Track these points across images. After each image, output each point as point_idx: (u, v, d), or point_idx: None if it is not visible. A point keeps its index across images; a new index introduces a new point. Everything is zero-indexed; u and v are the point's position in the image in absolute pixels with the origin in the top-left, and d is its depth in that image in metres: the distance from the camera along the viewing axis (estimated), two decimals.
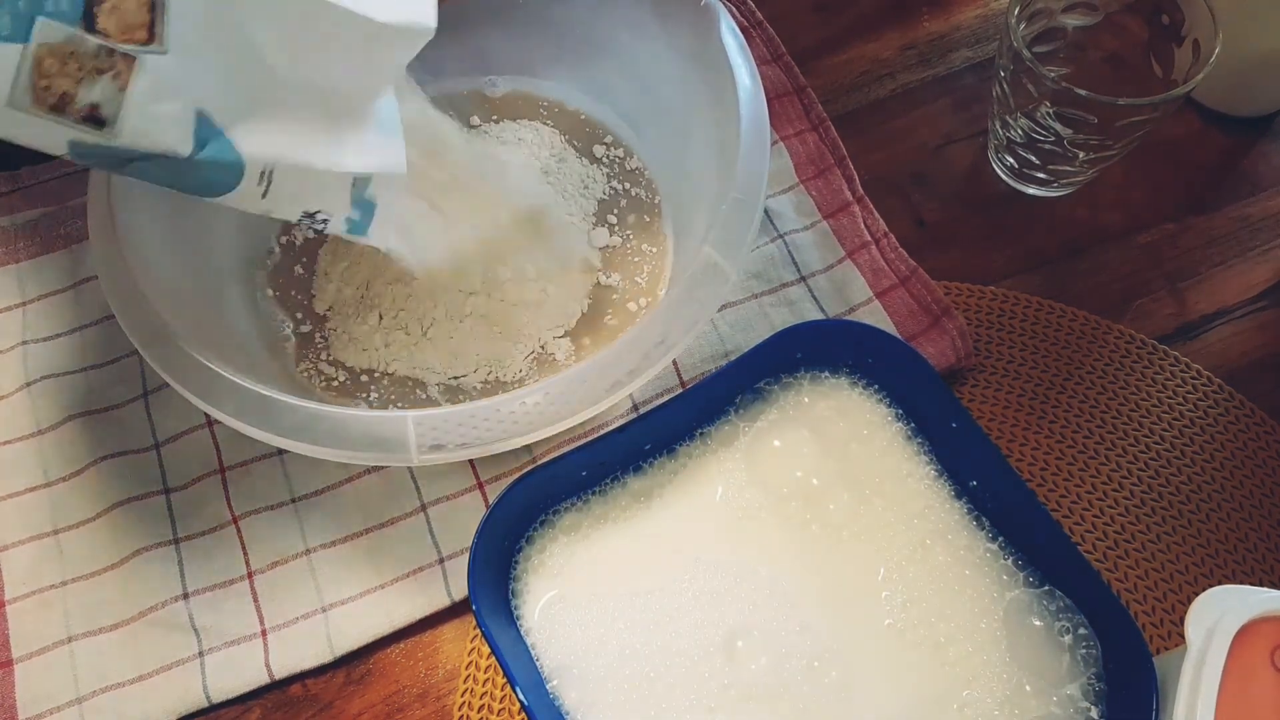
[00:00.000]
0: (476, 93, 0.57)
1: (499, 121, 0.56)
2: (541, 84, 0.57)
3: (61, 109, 0.32)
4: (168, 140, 0.33)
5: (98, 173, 0.43)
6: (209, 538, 0.47)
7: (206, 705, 0.44)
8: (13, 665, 0.44)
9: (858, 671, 0.39)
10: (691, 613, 0.41)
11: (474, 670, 0.44)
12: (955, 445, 0.42)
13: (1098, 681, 0.38)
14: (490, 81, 0.57)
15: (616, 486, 0.43)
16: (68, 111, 0.32)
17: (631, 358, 0.39)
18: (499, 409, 0.38)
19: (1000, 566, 0.41)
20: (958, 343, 0.49)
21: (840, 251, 0.53)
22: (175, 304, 0.42)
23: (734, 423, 0.44)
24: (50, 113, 0.32)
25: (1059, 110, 0.47)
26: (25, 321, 0.52)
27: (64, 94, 0.31)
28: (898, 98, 0.59)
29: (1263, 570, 0.45)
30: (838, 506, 0.42)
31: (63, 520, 0.47)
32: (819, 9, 0.62)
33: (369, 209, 0.40)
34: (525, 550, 0.42)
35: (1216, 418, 0.48)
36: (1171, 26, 0.48)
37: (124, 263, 0.41)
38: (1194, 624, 0.33)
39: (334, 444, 0.37)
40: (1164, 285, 0.52)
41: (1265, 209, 0.54)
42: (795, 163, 0.56)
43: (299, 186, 0.37)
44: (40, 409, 0.50)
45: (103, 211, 0.42)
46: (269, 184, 0.36)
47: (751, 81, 0.44)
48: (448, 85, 0.56)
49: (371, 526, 0.47)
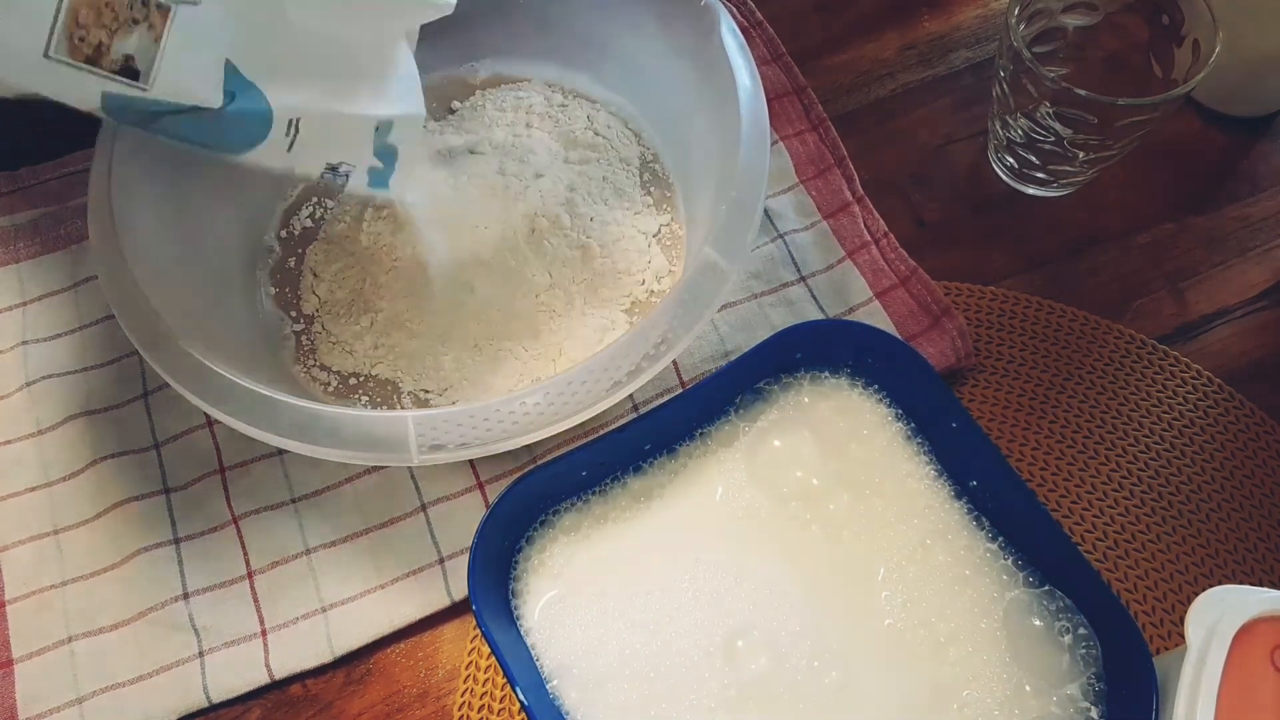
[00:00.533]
0: (458, 79, 0.57)
1: (497, 88, 0.56)
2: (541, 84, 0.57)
3: (96, 60, 0.32)
4: (200, 91, 0.34)
5: (98, 172, 0.43)
6: (209, 538, 0.47)
7: (206, 705, 0.44)
8: (13, 665, 0.44)
9: (858, 671, 0.39)
10: (691, 613, 0.41)
11: (474, 670, 0.44)
12: (955, 445, 0.42)
13: (1098, 681, 0.38)
14: (472, 68, 0.58)
15: (616, 486, 0.43)
16: (102, 63, 0.32)
17: (631, 358, 0.39)
18: (499, 409, 0.38)
19: (1000, 566, 0.41)
20: (958, 343, 0.49)
21: (840, 251, 0.53)
22: (175, 304, 0.42)
23: (734, 423, 0.44)
24: (85, 64, 0.32)
25: (1059, 110, 0.47)
26: (25, 321, 0.52)
27: (99, 45, 0.32)
28: (898, 98, 0.59)
29: (1263, 570, 0.45)
30: (838, 506, 0.42)
31: (63, 520, 0.47)
32: (819, 9, 0.62)
33: (391, 158, 0.41)
34: (525, 550, 0.42)
35: (1216, 418, 0.48)
36: (1171, 26, 0.48)
37: (124, 263, 0.41)
38: (1194, 624, 0.33)
39: (334, 444, 0.38)
40: (1164, 285, 0.52)
41: (1265, 209, 0.54)
42: (795, 163, 0.56)
43: (324, 136, 0.38)
44: (40, 409, 0.50)
45: (103, 211, 0.42)
46: (295, 135, 0.37)
47: (751, 81, 0.44)
48: (434, 78, 0.57)
49: (371, 526, 0.47)
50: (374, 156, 0.40)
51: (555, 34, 0.55)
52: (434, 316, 0.49)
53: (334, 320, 0.50)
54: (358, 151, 0.39)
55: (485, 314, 0.49)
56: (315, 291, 0.51)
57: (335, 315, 0.50)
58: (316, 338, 0.50)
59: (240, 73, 0.34)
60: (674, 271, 0.51)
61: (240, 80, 0.35)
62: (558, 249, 0.50)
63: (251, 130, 0.36)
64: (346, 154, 0.39)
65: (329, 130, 0.38)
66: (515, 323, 0.49)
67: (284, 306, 0.51)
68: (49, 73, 0.32)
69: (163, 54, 0.32)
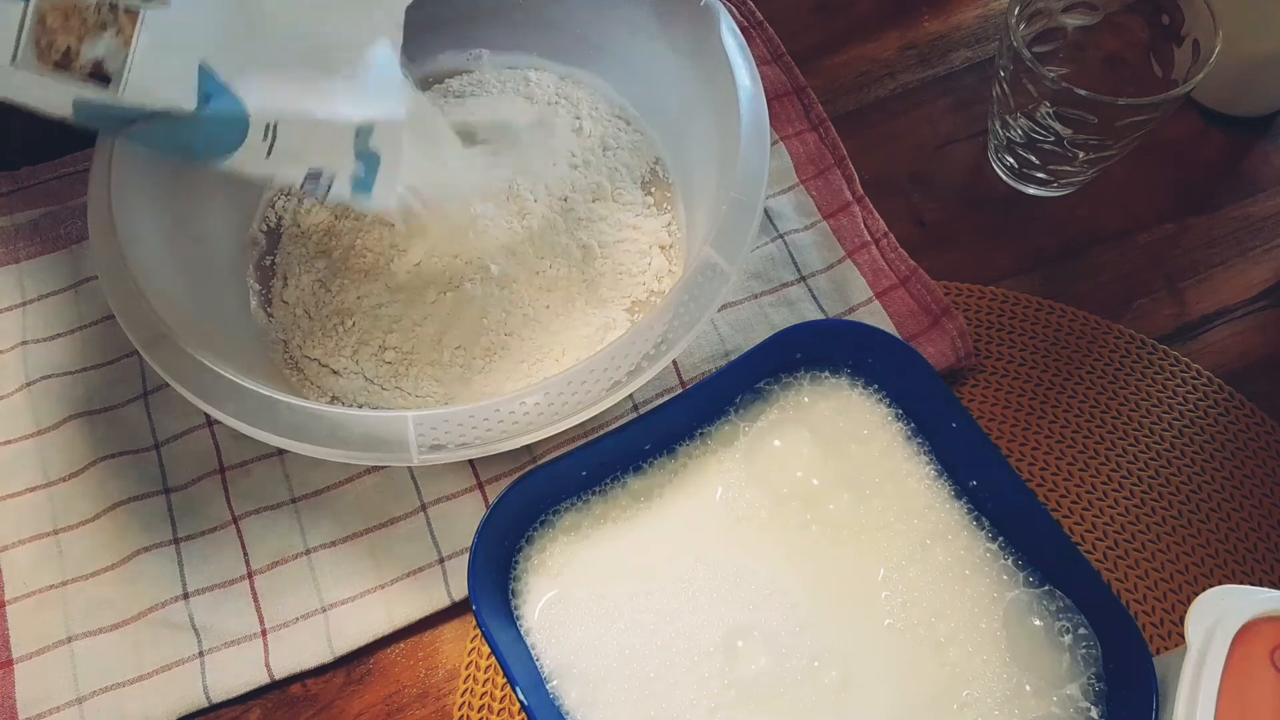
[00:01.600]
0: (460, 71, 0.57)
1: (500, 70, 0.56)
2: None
3: (66, 66, 0.32)
4: (172, 95, 0.33)
5: (98, 172, 0.43)
6: (209, 538, 0.47)
7: (206, 705, 0.44)
8: (13, 665, 0.44)
9: (857, 671, 0.39)
10: (691, 613, 0.41)
11: (474, 670, 0.44)
12: (955, 445, 0.42)
13: (1098, 681, 0.38)
14: (476, 55, 0.57)
15: (616, 486, 0.43)
16: (72, 69, 0.32)
17: (631, 358, 0.39)
18: (499, 409, 0.38)
19: (1000, 566, 0.41)
20: (958, 343, 0.49)
21: (840, 251, 0.53)
22: (175, 304, 0.42)
23: (734, 423, 0.44)
24: (55, 70, 0.32)
25: (1059, 110, 0.47)
26: (25, 321, 0.52)
27: (67, 50, 0.31)
28: (898, 98, 0.59)
29: (1263, 570, 0.45)
30: (838, 506, 0.42)
31: (63, 520, 0.47)
32: (819, 9, 0.62)
33: (373, 163, 0.40)
34: (525, 550, 0.42)
35: (1216, 418, 0.48)
36: (1171, 26, 0.48)
37: (124, 263, 0.41)
38: (1194, 624, 0.33)
39: (334, 444, 0.37)
40: (1164, 285, 0.52)
41: (1265, 209, 0.54)
42: (795, 163, 0.56)
43: (303, 141, 0.37)
44: (40, 409, 0.50)
45: (103, 211, 0.42)
46: (273, 140, 0.36)
47: (751, 81, 0.44)
48: (431, 79, 0.57)
49: (371, 526, 0.47)
50: (356, 161, 0.39)
51: (555, 34, 0.55)
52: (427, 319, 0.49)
53: (308, 338, 0.49)
54: (338, 157, 0.39)
55: (486, 313, 0.49)
56: (285, 299, 0.51)
57: (309, 333, 0.49)
58: (295, 351, 0.49)
59: (214, 75, 0.34)
60: (674, 272, 0.51)
61: (214, 83, 0.34)
62: (558, 248, 0.50)
63: (228, 135, 0.35)
64: (327, 159, 0.38)
65: (307, 135, 0.37)
66: (515, 322, 0.49)
67: (266, 307, 0.51)
68: (18, 81, 0.32)
69: (133, 57, 0.32)
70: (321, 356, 0.49)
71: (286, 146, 0.37)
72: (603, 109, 0.55)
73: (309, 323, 0.50)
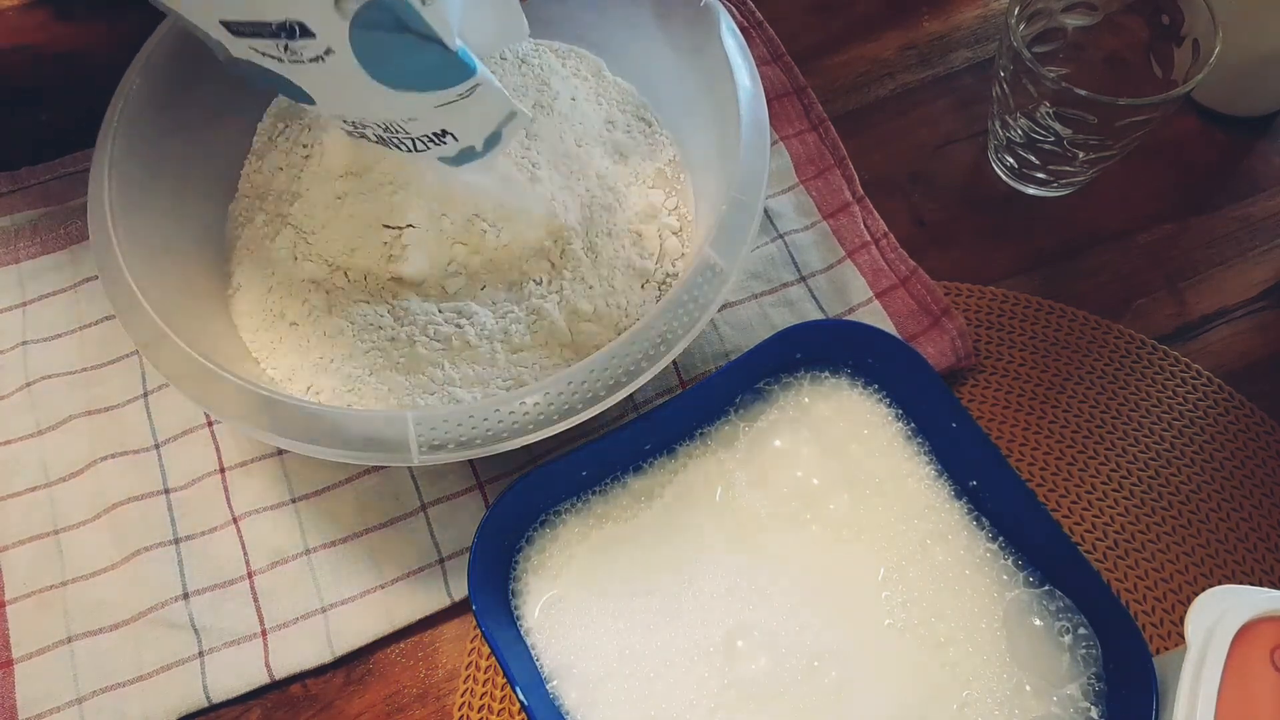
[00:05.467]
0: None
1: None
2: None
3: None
4: (455, 27, 0.35)
5: (98, 172, 0.43)
6: (209, 538, 0.47)
7: (206, 705, 0.44)
8: (13, 665, 0.44)
9: (857, 671, 0.39)
10: (691, 613, 0.41)
11: (474, 670, 0.44)
12: (955, 445, 0.42)
13: (1098, 681, 0.38)
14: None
15: (616, 486, 0.43)
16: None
17: (631, 358, 0.39)
18: (499, 409, 0.38)
19: (1000, 566, 0.41)
20: (958, 343, 0.49)
21: (840, 251, 0.53)
22: (175, 304, 0.42)
23: (734, 423, 0.44)
24: None
25: (1059, 110, 0.47)
26: (25, 321, 0.52)
27: None
28: (898, 98, 0.59)
29: (1263, 570, 0.45)
30: (838, 506, 0.42)
31: (63, 520, 0.47)
32: (819, 9, 0.62)
33: (492, 145, 0.42)
34: (525, 550, 0.42)
35: (1216, 418, 0.48)
36: (1171, 26, 0.48)
37: (124, 263, 0.41)
38: (1194, 624, 0.33)
39: (334, 444, 0.38)
40: (1164, 285, 0.52)
41: (1265, 209, 0.54)
42: (795, 163, 0.56)
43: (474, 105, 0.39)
44: (40, 409, 0.50)
45: (103, 211, 0.42)
46: (468, 97, 0.38)
47: (751, 81, 0.44)
48: None
49: (371, 526, 0.47)
50: (483, 140, 0.41)
51: (555, 35, 0.55)
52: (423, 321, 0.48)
53: (262, 329, 0.48)
54: (480, 129, 0.40)
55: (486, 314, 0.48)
56: (242, 295, 0.48)
57: (261, 324, 0.48)
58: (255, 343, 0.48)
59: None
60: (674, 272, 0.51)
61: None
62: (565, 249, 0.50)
63: (449, 75, 0.36)
64: (479, 127, 0.40)
65: (478, 101, 0.38)
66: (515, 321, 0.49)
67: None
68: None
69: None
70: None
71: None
72: (618, 105, 0.55)
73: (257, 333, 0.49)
